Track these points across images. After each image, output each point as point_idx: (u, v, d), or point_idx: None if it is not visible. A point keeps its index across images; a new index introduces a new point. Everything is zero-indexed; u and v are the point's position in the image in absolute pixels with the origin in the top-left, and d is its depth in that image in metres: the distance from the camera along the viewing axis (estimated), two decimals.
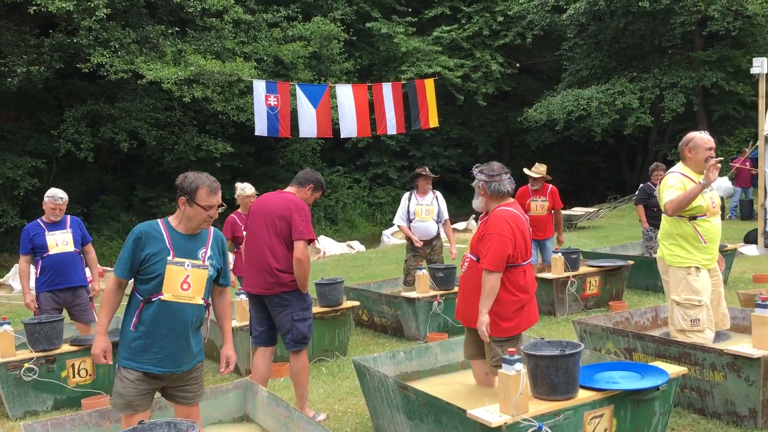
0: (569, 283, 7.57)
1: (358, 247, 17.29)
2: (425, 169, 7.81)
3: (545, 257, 8.35)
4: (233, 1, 19.61)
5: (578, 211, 18.86)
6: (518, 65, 25.01)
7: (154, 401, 3.66)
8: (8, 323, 5.39)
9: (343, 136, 12.27)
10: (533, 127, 25.04)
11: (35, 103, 20.07)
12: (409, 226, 7.65)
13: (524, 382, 3.23)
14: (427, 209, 7.63)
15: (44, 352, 5.33)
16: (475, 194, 4.43)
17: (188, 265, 3.43)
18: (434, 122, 12.61)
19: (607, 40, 24.50)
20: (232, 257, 7.00)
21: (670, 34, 22.47)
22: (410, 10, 26.39)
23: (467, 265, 4.35)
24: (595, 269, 7.88)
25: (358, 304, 6.94)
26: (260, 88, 11.16)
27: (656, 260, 5.01)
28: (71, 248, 6.12)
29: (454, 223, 18.51)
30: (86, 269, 6.39)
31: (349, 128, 11.77)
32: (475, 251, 4.28)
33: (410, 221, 7.64)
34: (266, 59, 20.78)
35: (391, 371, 4.65)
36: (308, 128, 11.42)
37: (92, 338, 5.25)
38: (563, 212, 9.36)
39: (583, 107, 22.16)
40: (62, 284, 6.07)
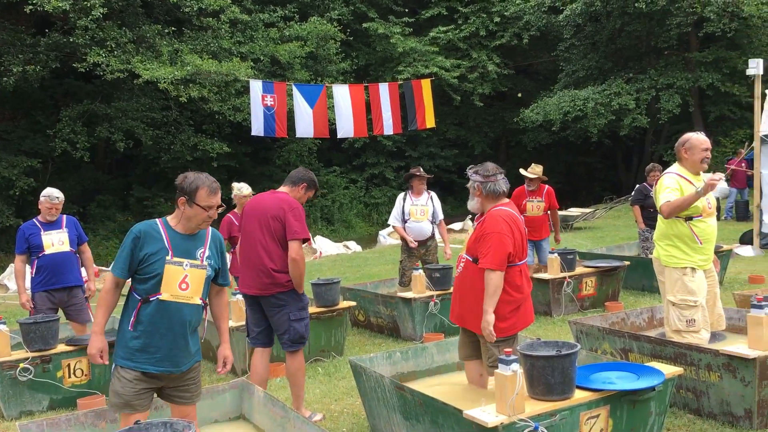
0: (565, 283, 7.58)
1: (354, 247, 17.30)
2: (419, 169, 7.80)
3: (541, 258, 8.36)
4: (230, 0, 19.59)
5: (574, 211, 18.90)
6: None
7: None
8: (4, 323, 5.37)
9: (339, 136, 12.27)
10: (530, 127, 25.06)
11: (31, 102, 20.03)
12: (404, 226, 7.65)
13: (520, 382, 3.23)
14: (422, 210, 7.62)
15: (40, 352, 5.33)
16: (470, 195, 4.42)
17: (187, 265, 3.43)
18: (431, 123, 12.61)
19: (603, 41, 24.54)
20: (229, 257, 6.99)
21: (666, 35, 22.51)
22: (407, 10, 26.40)
23: (463, 266, 4.35)
24: (591, 270, 7.89)
25: (354, 304, 6.93)
26: (257, 88, 11.14)
27: (652, 261, 5.02)
28: (67, 248, 6.11)
29: (450, 223, 18.59)
30: (82, 269, 6.38)
31: (345, 128, 11.76)
32: (471, 252, 4.27)
33: (405, 222, 7.64)
34: (263, 59, 20.76)
35: (387, 371, 4.65)
36: (305, 128, 11.41)
37: (88, 338, 5.24)
38: (559, 213, 9.37)
39: (579, 108, 22.18)
40: (58, 284, 6.06)
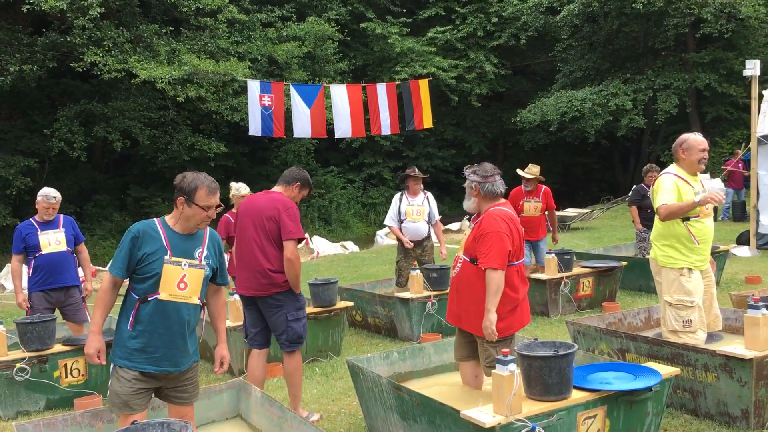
0: (562, 283, 7.59)
1: (351, 247, 17.30)
2: (414, 169, 7.81)
3: (538, 258, 8.37)
4: (227, 0, 19.58)
5: (571, 212, 18.92)
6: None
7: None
8: (0, 323, 5.37)
9: (337, 136, 12.26)
10: (527, 128, 25.07)
11: (28, 102, 20.00)
12: (400, 227, 7.65)
13: (518, 382, 3.23)
14: (418, 210, 7.62)
15: (36, 351, 5.32)
16: (466, 195, 4.41)
17: (185, 264, 3.43)
18: (428, 123, 12.61)
19: (600, 41, 24.56)
20: (227, 257, 6.98)
21: (663, 36, 22.54)
22: (404, 10, 26.40)
23: (460, 266, 4.33)
24: (588, 270, 7.90)
25: (351, 304, 6.94)
26: (254, 87, 11.13)
27: (649, 261, 5.03)
28: (64, 248, 6.10)
29: (448, 223, 18.62)
30: (79, 269, 6.37)
31: (343, 128, 11.76)
32: (468, 252, 4.26)
33: (401, 222, 7.64)
34: (260, 59, 20.75)
35: (384, 372, 4.65)
36: (302, 128, 11.41)
37: (85, 338, 5.22)
38: (556, 213, 9.38)
39: (576, 108, 22.20)
40: (55, 284, 6.05)
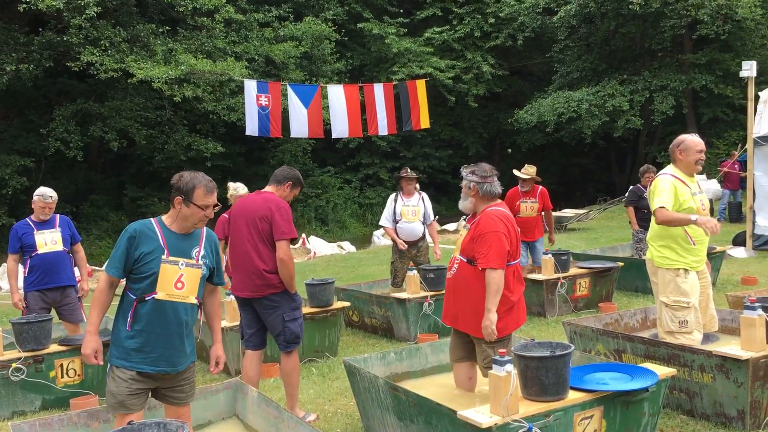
0: (559, 284, 7.60)
1: (348, 247, 17.29)
2: (407, 170, 7.81)
3: (535, 258, 8.37)
4: (224, 0, 19.56)
5: (568, 212, 18.94)
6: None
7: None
8: None
9: (334, 136, 12.26)
10: (524, 128, 25.10)
11: (24, 101, 19.96)
12: (395, 227, 7.65)
13: (515, 383, 3.24)
14: (413, 210, 7.62)
15: (32, 351, 5.30)
16: (462, 195, 4.39)
17: (182, 264, 3.43)
18: (425, 123, 12.62)
19: (597, 42, 24.60)
20: (224, 257, 6.97)
21: (660, 37, 22.58)
22: (402, 11, 26.42)
23: (457, 267, 4.32)
24: (585, 271, 7.91)
25: (348, 304, 6.93)
26: (251, 87, 11.13)
27: (645, 262, 5.03)
28: (60, 247, 6.08)
29: (444, 224, 18.62)
30: (75, 269, 6.36)
31: (340, 129, 11.76)
32: (465, 253, 4.24)
33: (396, 222, 7.64)
34: (257, 59, 20.74)
35: (381, 372, 4.65)
36: (299, 128, 11.40)
37: (81, 338, 5.22)
38: (553, 214, 9.39)
39: (573, 109, 22.24)
40: (51, 283, 6.03)
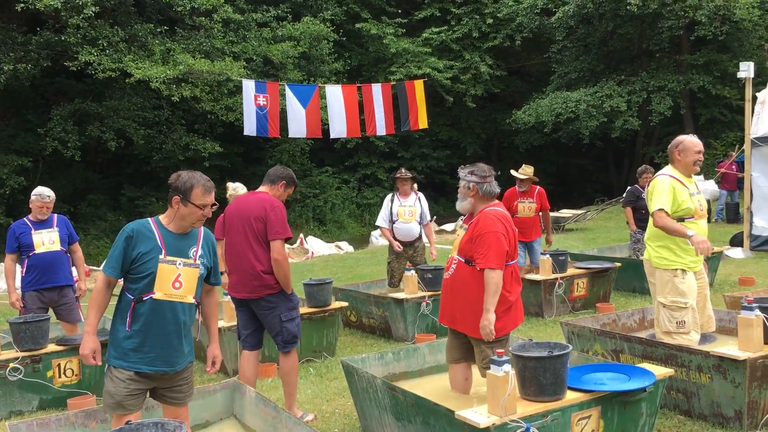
0: (557, 284, 7.60)
1: (346, 247, 17.28)
2: (401, 170, 7.81)
3: (533, 259, 8.37)
4: (222, 0, 19.55)
5: (566, 213, 18.94)
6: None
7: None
8: None
9: (332, 136, 12.25)
10: (522, 129, 25.12)
11: (22, 101, 19.93)
12: (392, 227, 7.64)
13: (512, 383, 3.24)
14: (410, 210, 7.61)
15: (30, 351, 5.29)
16: (460, 196, 4.37)
17: (180, 263, 3.43)
18: (423, 123, 12.61)
19: (595, 43, 24.63)
20: None
21: (657, 37, 22.62)
22: (400, 11, 26.42)
23: (455, 267, 4.31)
24: (582, 271, 7.91)
25: (346, 304, 6.92)
26: (249, 87, 11.11)
27: (643, 262, 5.04)
28: (57, 247, 6.07)
29: (442, 224, 18.62)
30: (73, 268, 6.35)
31: (338, 129, 11.75)
32: (464, 253, 4.24)
33: (393, 223, 7.63)
34: (255, 59, 20.73)
35: (379, 372, 4.65)
36: (297, 128, 11.39)
37: (79, 338, 5.21)
38: (551, 214, 9.38)
39: (571, 110, 22.26)
40: (48, 283, 6.02)
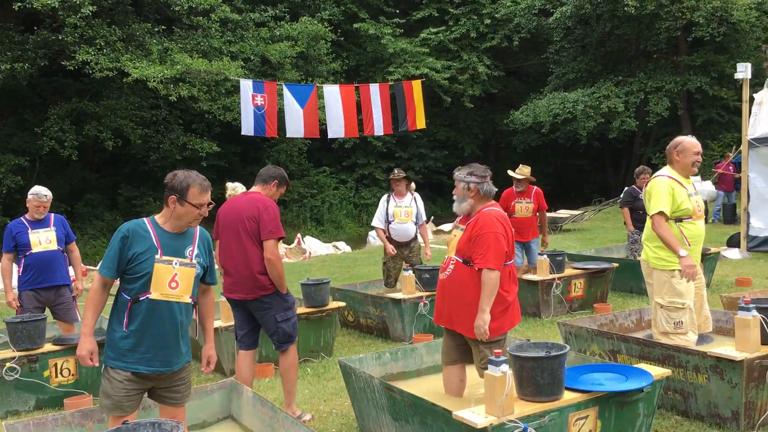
0: (554, 285, 7.60)
1: (343, 247, 17.28)
2: (394, 171, 7.80)
3: (530, 259, 8.37)
4: (220, 0, 19.53)
5: (563, 213, 18.96)
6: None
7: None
8: None
9: (330, 136, 12.24)
10: (519, 129, 25.13)
11: (19, 100, 19.89)
12: (387, 228, 7.64)
13: (510, 383, 3.24)
14: (406, 211, 7.61)
15: (26, 351, 5.28)
16: (459, 197, 4.34)
17: (176, 263, 3.42)
18: (421, 124, 12.60)
19: (593, 43, 24.65)
20: None
21: (655, 38, 22.65)
22: (398, 11, 26.43)
23: (452, 267, 4.30)
24: (580, 271, 7.91)
25: (343, 304, 6.92)
26: (247, 87, 11.09)
27: (640, 263, 5.04)
28: (54, 246, 6.06)
29: (440, 224, 18.61)
30: (69, 268, 6.33)
31: (336, 129, 11.74)
32: (462, 253, 4.23)
33: (389, 223, 7.63)
34: (253, 59, 20.71)
35: (376, 372, 4.65)
36: (295, 128, 11.38)
37: (75, 338, 5.21)
38: (548, 214, 9.38)
39: (568, 110, 22.27)
40: (45, 283, 6.01)
